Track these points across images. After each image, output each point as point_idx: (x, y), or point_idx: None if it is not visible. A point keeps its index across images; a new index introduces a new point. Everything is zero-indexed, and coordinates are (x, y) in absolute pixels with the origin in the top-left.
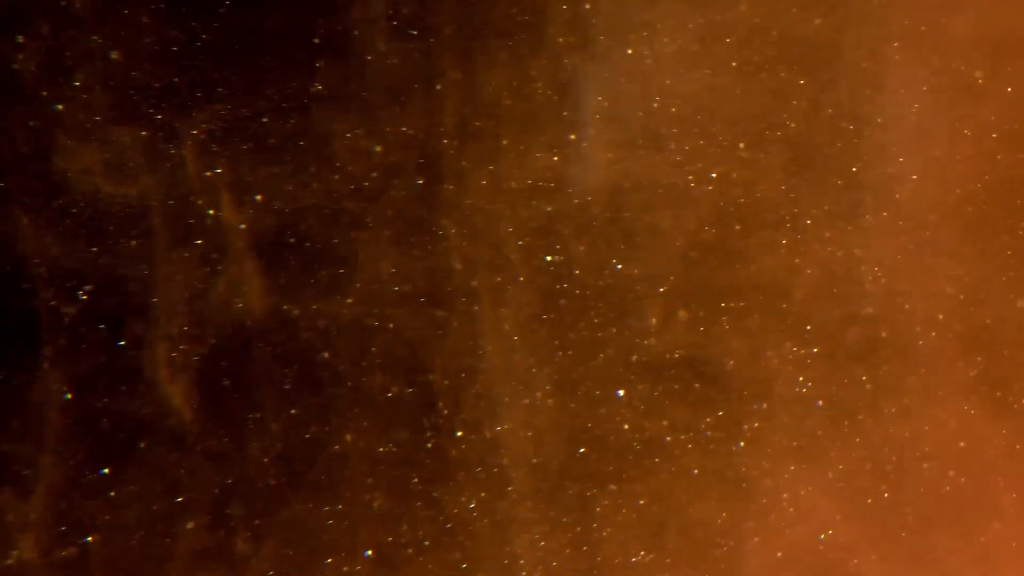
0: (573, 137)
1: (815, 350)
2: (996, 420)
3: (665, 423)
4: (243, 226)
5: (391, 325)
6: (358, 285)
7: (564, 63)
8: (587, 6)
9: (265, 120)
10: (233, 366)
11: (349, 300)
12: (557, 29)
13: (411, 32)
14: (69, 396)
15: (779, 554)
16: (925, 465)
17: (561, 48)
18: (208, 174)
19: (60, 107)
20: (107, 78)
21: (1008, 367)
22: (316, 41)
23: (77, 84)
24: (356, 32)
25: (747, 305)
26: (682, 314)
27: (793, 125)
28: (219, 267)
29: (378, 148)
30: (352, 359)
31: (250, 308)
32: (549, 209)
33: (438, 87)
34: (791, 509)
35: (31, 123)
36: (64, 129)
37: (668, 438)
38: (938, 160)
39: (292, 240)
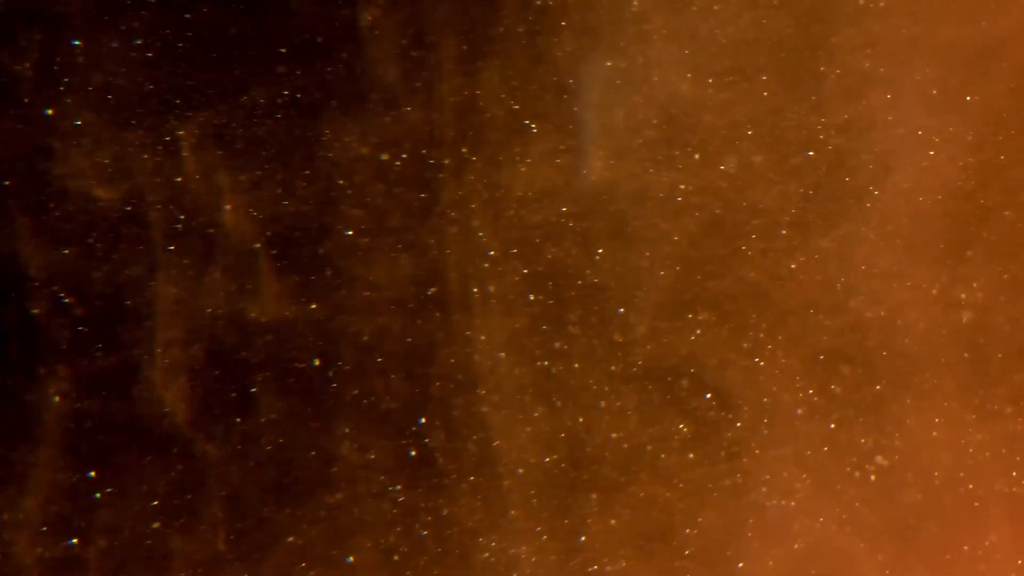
0: (558, 146)
1: (800, 358)
2: (979, 425)
3: (649, 432)
4: (231, 231)
5: (374, 333)
6: (344, 292)
7: (553, 72)
8: (576, 16)
9: (257, 125)
10: (220, 371)
11: (334, 307)
12: (545, 39)
13: (403, 39)
14: (57, 399)
15: (759, 562)
16: (909, 473)
17: (550, 58)
18: (198, 178)
19: (50, 112)
20: (99, 82)
21: (990, 372)
22: (307, 46)
23: (64, 89)
24: (347, 37)
25: (732, 313)
26: (667, 323)
27: (779, 134)
28: (207, 273)
29: (364, 154)
30: (336, 366)
31: (237, 314)
32: (535, 218)
33: (426, 95)
34: (777, 517)
35: (18, 127)
36: (54, 134)
37: (650, 447)
38: (918, 168)
39: (281, 246)
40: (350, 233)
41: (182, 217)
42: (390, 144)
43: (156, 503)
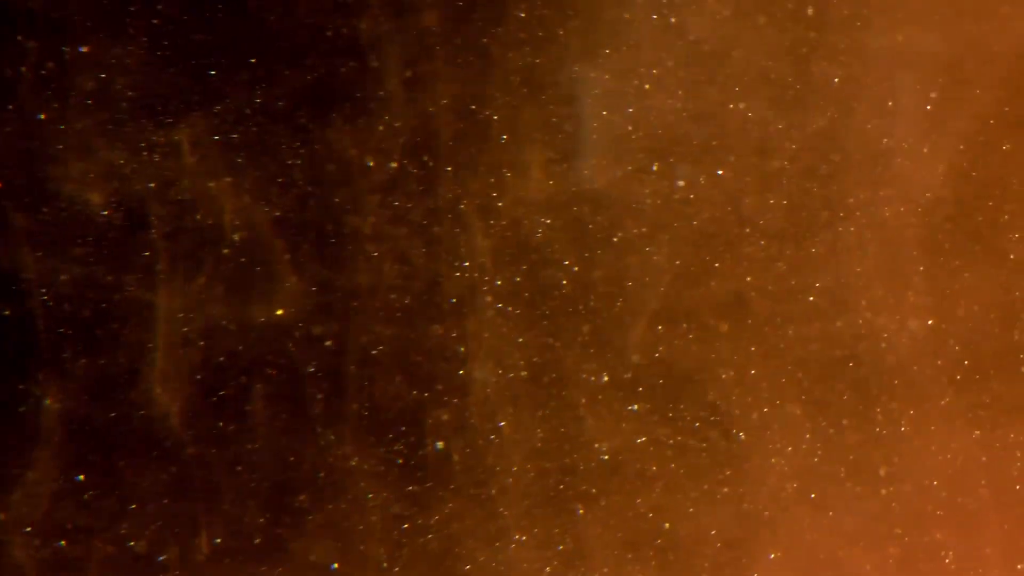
0: (541, 157)
1: (782, 368)
2: (960, 433)
3: (634, 442)
4: (219, 237)
5: (359, 341)
6: (329, 300)
7: (538, 82)
8: (564, 27)
9: (249, 128)
10: (205, 377)
11: (320, 315)
12: (533, 49)
13: (391, 48)
14: (48, 402)
15: (744, 572)
16: (894, 482)
17: (536, 68)
18: (186, 183)
19: (42, 116)
20: (92, 87)
21: (969, 380)
22: (291, 53)
23: (56, 95)
24: (334, 44)
25: (722, 322)
26: (651, 333)
27: (759, 144)
28: (196, 278)
29: (348, 162)
30: (322, 374)
31: (224, 320)
32: (519, 228)
33: (411, 103)
34: (763, 527)
35: (9, 131)
36: (46, 138)
37: (635, 457)
38: (896, 177)
39: (268, 252)
40: (333, 241)
41: (164, 222)
42: (375, 152)
43: (139, 507)
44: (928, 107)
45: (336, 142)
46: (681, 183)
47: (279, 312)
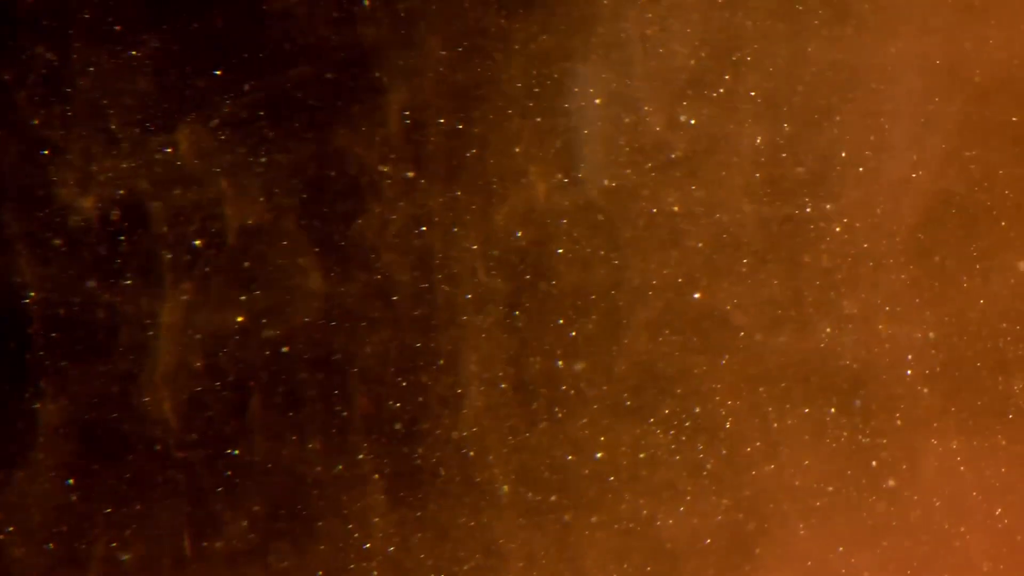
0: (530, 167)
1: (772, 377)
2: (951, 439)
3: (626, 452)
4: (205, 243)
5: (349, 349)
6: (318, 308)
7: (529, 93)
8: (557, 35)
9: (243, 132)
10: (192, 384)
11: (310, 322)
12: (524, 56)
13: (384, 53)
14: (38, 406)
15: None
16: (886, 492)
17: (529, 77)
18: (176, 189)
19: (36, 121)
20: (85, 92)
21: (962, 389)
22: (277, 58)
23: (49, 100)
24: (323, 50)
25: (708, 333)
26: (643, 342)
27: (752, 157)
28: (187, 284)
29: (340, 170)
30: (310, 381)
31: (220, 324)
32: (508, 238)
33: (401, 111)
34: (755, 538)
35: (6, 137)
36: (39, 144)
37: (623, 466)
38: (884, 184)
39: (262, 258)
40: (317, 251)
41: (148, 227)
42: (359, 160)
43: (122, 512)
44: (920, 114)
45: (320, 151)
46: (667, 196)
47: (263, 321)
